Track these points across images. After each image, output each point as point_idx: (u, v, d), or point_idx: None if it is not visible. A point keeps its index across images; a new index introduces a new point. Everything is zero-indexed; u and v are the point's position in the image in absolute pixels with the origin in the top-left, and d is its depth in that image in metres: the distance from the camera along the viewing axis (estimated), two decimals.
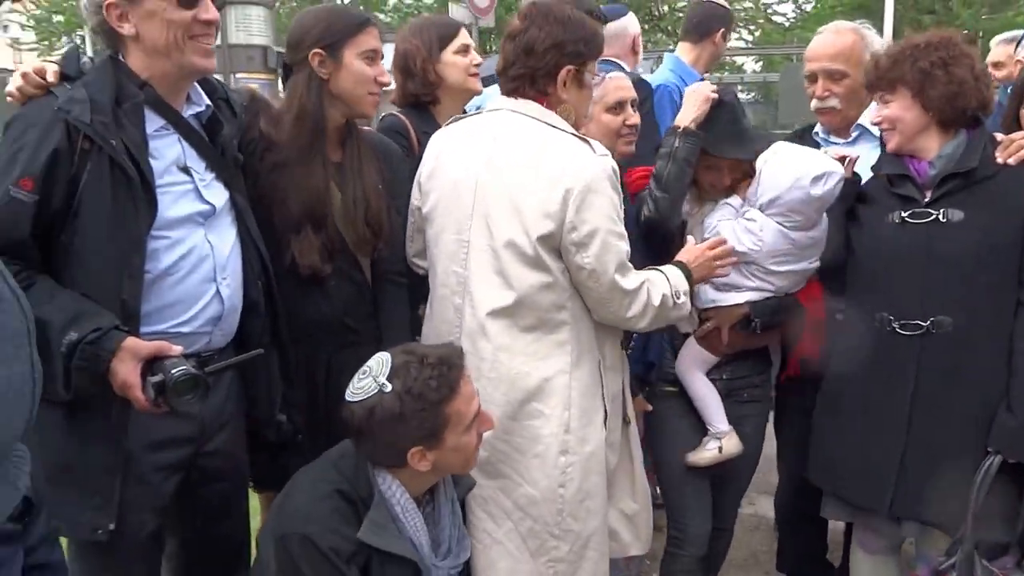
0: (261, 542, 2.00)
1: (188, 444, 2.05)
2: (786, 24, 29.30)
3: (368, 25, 2.30)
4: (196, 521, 2.18)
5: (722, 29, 3.99)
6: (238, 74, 14.37)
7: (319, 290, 2.31)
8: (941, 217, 2.34)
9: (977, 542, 2.27)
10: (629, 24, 3.73)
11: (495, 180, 2.17)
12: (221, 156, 2.10)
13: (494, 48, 22.08)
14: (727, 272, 2.50)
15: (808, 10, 30.13)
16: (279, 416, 2.22)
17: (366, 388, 1.90)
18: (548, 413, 2.17)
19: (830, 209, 2.54)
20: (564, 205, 2.08)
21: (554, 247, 2.12)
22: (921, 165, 2.42)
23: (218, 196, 2.07)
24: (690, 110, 2.57)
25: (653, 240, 2.54)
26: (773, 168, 2.51)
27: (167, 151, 1.99)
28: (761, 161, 2.53)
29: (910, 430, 2.36)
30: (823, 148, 2.77)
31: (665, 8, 24.63)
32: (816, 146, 2.82)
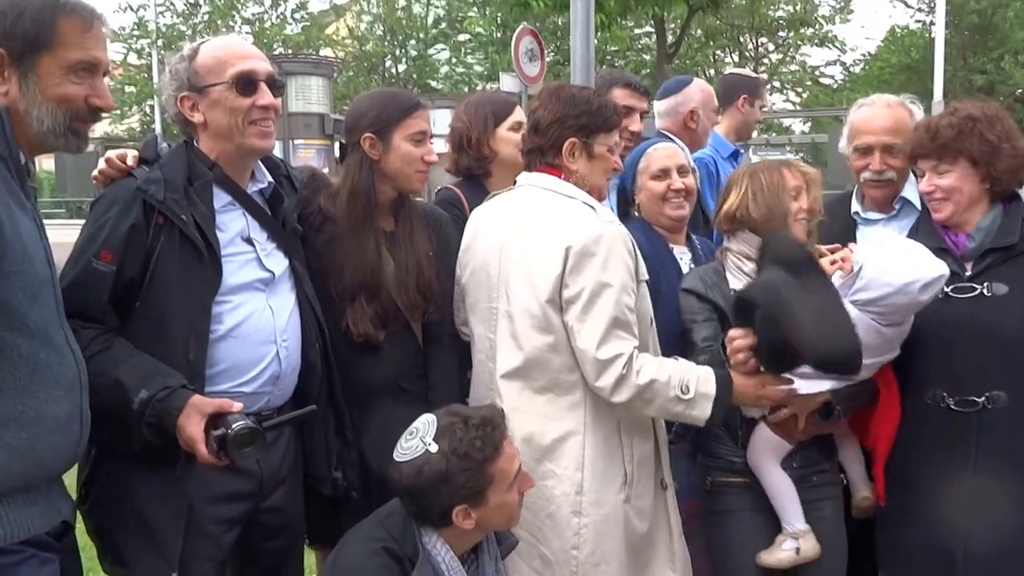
0: None
1: (247, 499, 2.17)
2: (834, 86, 29.36)
3: (416, 109, 2.46)
4: (254, 574, 2.29)
5: (744, 95, 4.06)
6: (297, 140, 14.87)
7: (373, 353, 2.43)
8: (986, 291, 2.33)
9: None
10: (684, 100, 3.66)
11: (513, 249, 2.31)
12: (282, 227, 2.27)
13: None
14: (767, 407, 2.41)
15: (857, 72, 30.25)
16: (334, 473, 2.32)
17: (413, 448, 1.98)
18: (560, 473, 2.21)
19: None
20: (563, 265, 2.18)
21: (558, 308, 2.20)
22: (959, 238, 2.41)
23: (278, 264, 2.24)
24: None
25: None
26: (880, 268, 2.31)
27: (232, 224, 2.17)
28: (860, 255, 2.36)
29: (974, 510, 2.31)
30: (863, 227, 2.75)
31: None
32: (853, 222, 2.80)
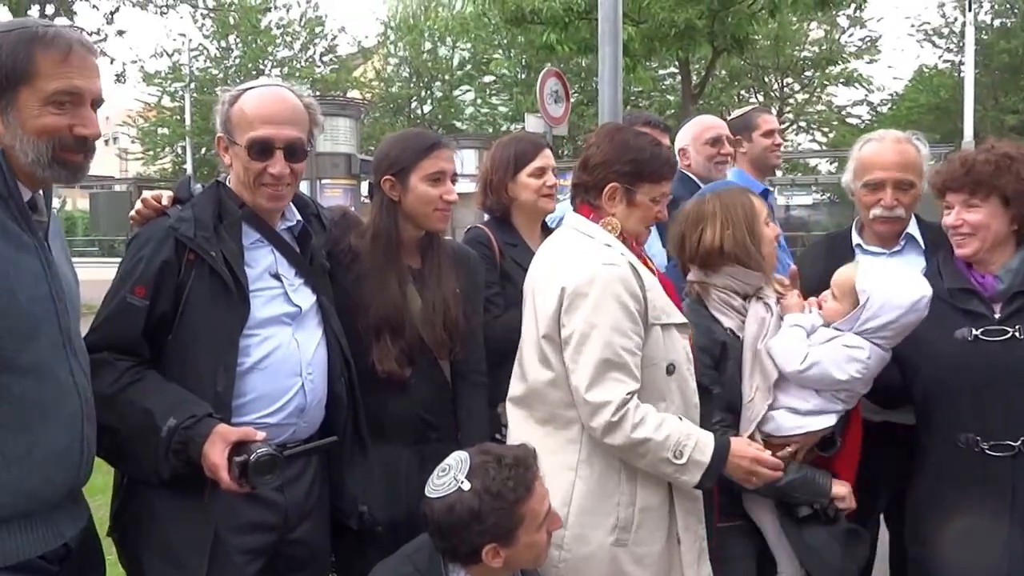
0: None
1: (273, 531, 2.20)
2: (861, 126, 29.34)
3: (435, 150, 2.51)
4: None
5: (737, 136, 3.93)
6: (324, 180, 15.07)
7: (400, 390, 2.46)
8: (1018, 334, 2.31)
9: None
10: (677, 142, 3.79)
11: (532, 285, 2.38)
12: (309, 264, 2.33)
13: (567, 154, 22.66)
14: (753, 486, 2.31)
15: (884, 112, 30.24)
16: (361, 507, 2.34)
17: (446, 485, 2.00)
18: None
19: None
20: (559, 305, 2.22)
21: (556, 345, 2.24)
22: (986, 279, 2.40)
23: (305, 299, 2.29)
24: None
25: None
26: (888, 293, 2.35)
27: (261, 260, 2.24)
28: (863, 285, 2.38)
29: (1012, 558, 2.28)
30: (859, 257, 2.77)
31: None
32: (852, 253, 2.82)
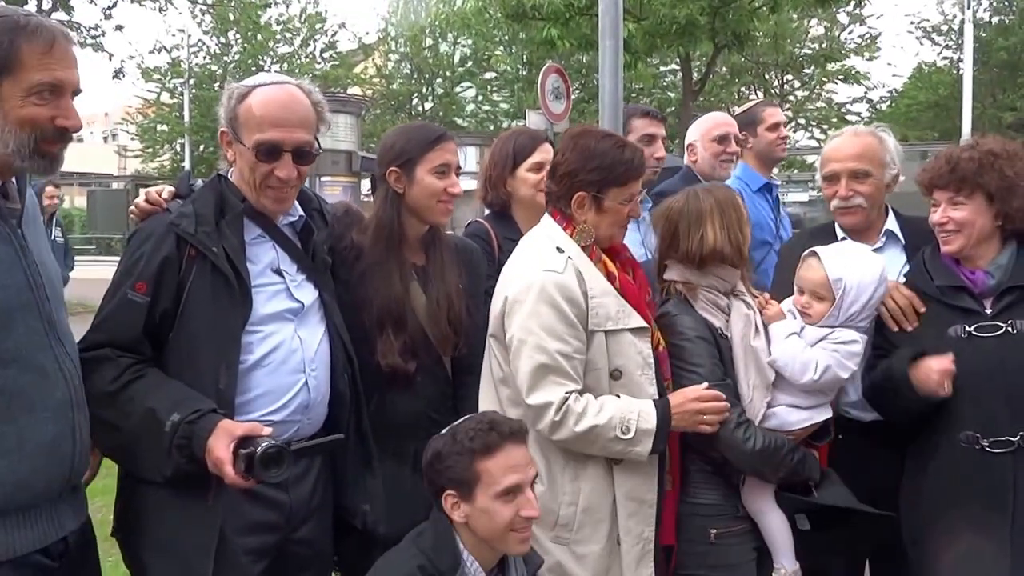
0: None
1: (276, 531, 2.19)
2: (860, 123, 29.29)
3: (440, 142, 2.50)
4: None
5: (744, 133, 3.96)
6: (324, 177, 15.03)
7: (406, 386, 2.46)
8: (1011, 329, 2.31)
9: None
10: (687, 137, 3.86)
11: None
12: (312, 259, 2.31)
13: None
14: (711, 430, 2.30)
15: (883, 109, 30.22)
16: (363, 506, 2.33)
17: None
18: None
19: None
20: (502, 310, 2.32)
21: (502, 345, 2.33)
22: (976, 275, 2.40)
23: (307, 295, 2.27)
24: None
25: None
26: (858, 271, 2.41)
27: (263, 255, 2.22)
28: (832, 271, 2.42)
29: (1014, 554, 2.28)
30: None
31: None
32: None
